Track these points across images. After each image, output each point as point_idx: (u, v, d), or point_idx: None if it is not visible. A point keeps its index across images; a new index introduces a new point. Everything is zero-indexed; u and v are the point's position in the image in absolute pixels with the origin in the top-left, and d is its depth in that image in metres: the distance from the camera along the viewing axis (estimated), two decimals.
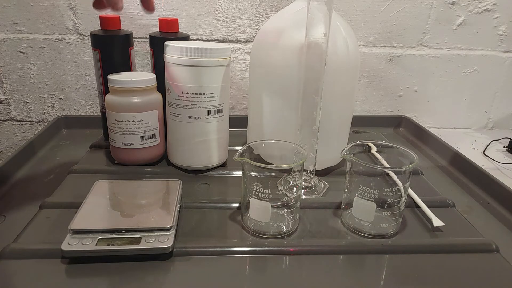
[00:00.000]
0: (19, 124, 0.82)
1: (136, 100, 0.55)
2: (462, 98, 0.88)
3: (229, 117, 0.59)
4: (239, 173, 0.59)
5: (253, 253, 0.42)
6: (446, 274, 0.40)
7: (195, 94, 0.53)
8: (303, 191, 0.53)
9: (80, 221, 0.42)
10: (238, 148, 0.46)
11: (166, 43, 0.53)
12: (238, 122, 0.71)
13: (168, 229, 0.41)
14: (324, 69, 0.49)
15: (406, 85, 0.86)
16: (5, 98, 0.79)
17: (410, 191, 0.53)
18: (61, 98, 0.80)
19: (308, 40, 0.47)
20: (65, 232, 0.40)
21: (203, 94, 0.53)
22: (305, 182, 0.54)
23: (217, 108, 0.55)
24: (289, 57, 0.52)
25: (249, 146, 0.46)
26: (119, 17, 0.61)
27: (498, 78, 0.87)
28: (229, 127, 0.60)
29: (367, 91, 0.86)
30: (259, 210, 0.43)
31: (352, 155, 0.45)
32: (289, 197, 0.43)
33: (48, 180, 0.56)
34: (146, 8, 0.48)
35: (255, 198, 0.43)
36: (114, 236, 0.40)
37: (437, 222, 0.47)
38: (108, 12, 0.48)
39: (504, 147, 0.77)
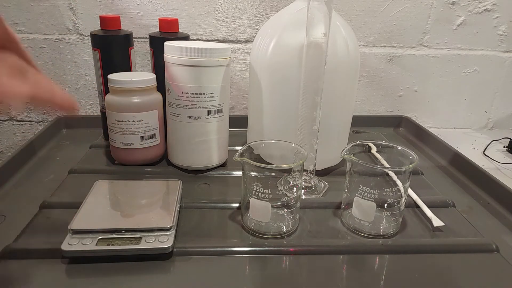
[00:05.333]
0: (19, 124, 0.82)
1: (136, 100, 0.55)
2: (462, 98, 0.88)
3: (229, 117, 0.59)
4: (239, 173, 0.59)
5: (253, 253, 0.42)
6: (446, 274, 0.40)
7: (195, 94, 0.53)
8: (303, 191, 0.53)
9: (80, 221, 0.42)
10: (238, 148, 0.46)
11: (166, 43, 0.53)
12: (238, 122, 0.71)
13: (168, 229, 0.41)
14: (324, 69, 0.49)
15: (406, 85, 0.86)
16: None
17: (410, 191, 0.53)
18: None
19: (308, 40, 0.47)
20: (65, 232, 0.40)
21: (203, 94, 0.53)
22: (305, 182, 0.54)
23: (217, 108, 0.55)
24: (289, 57, 0.52)
25: (249, 146, 0.46)
26: (119, 17, 0.61)
27: (498, 78, 0.87)
28: (229, 127, 0.60)
29: (367, 91, 0.85)
30: (259, 210, 0.43)
31: (352, 155, 0.45)
32: (289, 197, 0.43)
33: (48, 180, 0.56)
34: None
35: (255, 198, 0.43)
36: (114, 236, 0.40)
37: (437, 222, 0.47)
38: None
39: (504, 147, 0.77)
